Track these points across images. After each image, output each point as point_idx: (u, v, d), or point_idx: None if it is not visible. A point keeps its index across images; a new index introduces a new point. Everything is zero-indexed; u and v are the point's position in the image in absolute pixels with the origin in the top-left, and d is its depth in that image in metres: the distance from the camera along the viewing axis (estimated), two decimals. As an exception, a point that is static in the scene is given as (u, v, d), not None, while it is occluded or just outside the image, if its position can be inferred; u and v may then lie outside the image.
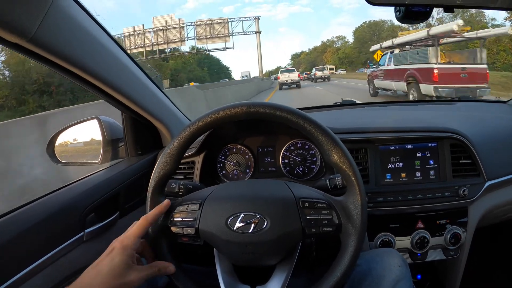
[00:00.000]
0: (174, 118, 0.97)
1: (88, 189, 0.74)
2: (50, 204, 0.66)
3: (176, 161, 0.60)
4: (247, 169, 0.97)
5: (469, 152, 0.91)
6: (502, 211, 1.01)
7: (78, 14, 0.61)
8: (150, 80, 0.87)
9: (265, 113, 0.57)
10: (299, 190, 0.59)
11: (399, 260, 0.67)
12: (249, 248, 0.55)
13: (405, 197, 0.88)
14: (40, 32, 0.51)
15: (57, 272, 0.63)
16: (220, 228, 0.55)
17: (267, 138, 0.97)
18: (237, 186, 0.64)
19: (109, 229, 0.77)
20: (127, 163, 0.89)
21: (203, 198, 0.58)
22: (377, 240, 0.88)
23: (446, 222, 0.91)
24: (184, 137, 0.59)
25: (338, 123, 0.98)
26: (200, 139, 0.89)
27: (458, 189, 0.89)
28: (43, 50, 0.55)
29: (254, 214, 0.55)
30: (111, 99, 0.76)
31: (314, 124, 0.56)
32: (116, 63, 0.73)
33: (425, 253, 0.92)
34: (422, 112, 1.32)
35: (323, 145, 0.57)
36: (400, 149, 0.91)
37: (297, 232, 0.55)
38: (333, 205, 0.57)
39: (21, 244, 0.58)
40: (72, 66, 0.61)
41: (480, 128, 1.03)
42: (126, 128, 0.90)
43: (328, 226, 0.55)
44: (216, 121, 0.59)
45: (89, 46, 0.64)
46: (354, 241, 0.55)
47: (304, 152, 0.95)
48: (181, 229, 0.57)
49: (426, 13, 0.71)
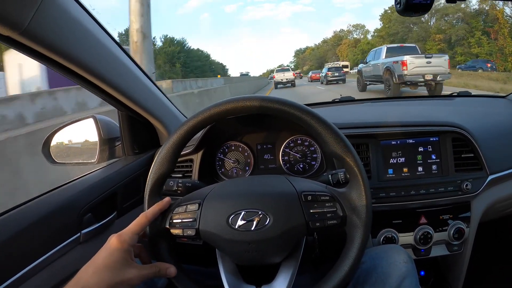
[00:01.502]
0: (171, 116, 0.95)
1: (85, 189, 0.72)
2: (46, 205, 0.64)
3: (172, 160, 0.58)
4: (246, 167, 0.96)
5: (471, 146, 0.90)
6: (504, 205, 1.00)
7: (72, 7, 0.59)
8: (146, 77, 0.86)
9: (256, 106, 0.56)
10: (301, 183, 0.57)
11: (404, 256, 0.65)
12: (252, 246, 0.53)
13: (407, 192, 0.87)
14: (33, 24, 0.49)
15: (54, 274, 0.61)
16: (221, 227, 0.53)
17: (266, 135, 0.96)
18: (237, 183, 0.62)
19: (106, 230, 0.75)
20: (124, 162, 0.87)
21: (202, 197, 0.56)
22: (380, 236, 0.87)
23: (449, 217, 0.90)
24: (179, 136, 0.57)
25: (338, 118, 0.97)
26: (198, 137, 0.88)
27: (461, 183, 0.88)
28: (36, 43, 0.53)
29: (255, 211, 0.53)
30: (107, 96, 0.75)
31: (313, 116, 0.55)
32: (112, 59, 0.71)
33: (428, 249, 0.91)
34: (422, 107, 1.31)
35: (324, 137, 0.55)
36: (401, 144, 0.90)
37: (301, 227, 0.53)
38: (337, 197, 0.55)
39: (16, 246, 0.56)
40: (66, 60, 0.59)
41: (482, 122, 1.02)
42: (123, 126, 0.88)
43: (332, 219, 0.54)
44: (208, 119, 0.57)
45: (83, 40, 0.62)
46: (360, 233, 0.53)
47: (304, 149, 0.94)
48: (181, 230, 0.55)
49: (426, 5, 0.71)
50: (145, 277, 0.50)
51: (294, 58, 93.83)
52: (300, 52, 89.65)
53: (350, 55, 50.64)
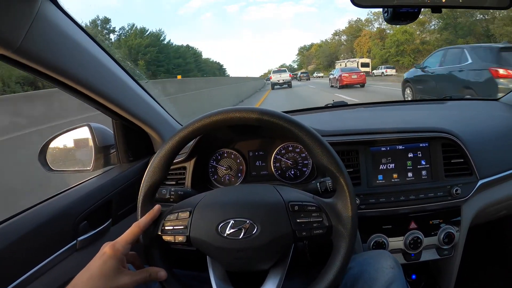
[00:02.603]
0: (165, 123, 0.97)
1: (80, 197, 0.74)
2: (43, 213, 0.66)
3: (165, 169, 0.60)
4: (238, 173, 0.97)
5: (460, 151, 0.91)
6: (494, 210, 1.01)
7: (64, 23, 0.61)
8: (139, 86, 0.87)
9: (245, 118, 0.58)
10: (288, 193, 0.59)
11: (391, 262, 0.67)
12: (241, 254, 0.55)
13: (397, 198, 0.88)
14: (26, 42, 0.51)
15: (50, 282, 0.63)
16: (211, 235, 0.55)
17: (258, 142, 0.97)
18: (227, 192, 0.64)
19: (102, 237, 0.77)
20: (119, 170, 0.88)
21: (193, 205, 0.58)
22: (370, 241, 0.88)
23: (439, 222, 0.91)
24: (171, 145, 0.59)
25: (329, 125, 0.99)
26: (190, 145, 0.89)
27: (451, 188, 0.89)
28: (30, 60, 0.54)
29: (243, 220, 0.55)
30: (100, 107, 0.76)
31: (298, 127, 0.57)
32: (104, 70, 0.73)
33: (419, 253, 0.92)
34: (413, 112, 1.32)
35: (310, 148, 0.57)
36: (391, 150, 0.91)
37: (288, 236, 0.55)
38: (323, 207, 0.57)
39: (13, 255, 0.57)
40: (60, 75, 0.61)
41: (472, 127, 1.03)
42: (117, 134, 0.90)
43: (318, 229, 0.55)
44: (201, 129, 0.59)
45: (76, 54, 0.64)
46: (345, 243, 0.55)
47: (295, 155, 0.95)
48: (172, 237, 0.57)
49: (414, 13, 0.72)
50: (137, 283, 0.53)
51: (298, 56, 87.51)
52: (304, 50, 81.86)
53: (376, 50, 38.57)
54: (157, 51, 37.25)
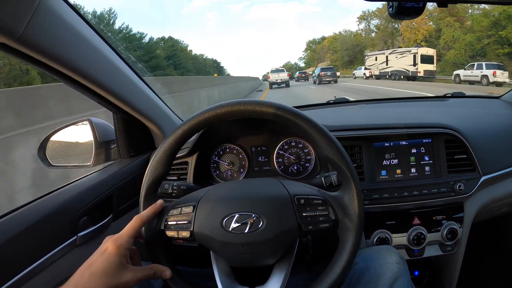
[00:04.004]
0: (166, 118, 0.96)
1: (81, 192, 0.73)
2: (42, 208, 0.65)
3: (167, 163, 0.59)
4: (241, 169, 0.96)
5: (464, 147, 0.91)
6: (497, 206, 1.01)
7: (67, 13, 0.60)
8: (141, 80, 0.86)
9: (248, 110, 0.56)
10: (294, 187, 0.58)
11: (396, 257, 0.66)
12: (246, 249, 0.54)
13: (400, 193, 0.88)
14: (28, 31, 0.50)
15: (50, 278, 0.62)
16: (216, 229, 0.54)
17: (260, 137, 0.97)
18: (231, 186, 0.63)
19: (102, 232, 0.76)
20: (120, 165, 0.87)
21: (197, 200, 0.57)
22: (373, 237, 0.88)
23: (442, 218, 0.91)
24: (174, 139, 0.58)
25: (332, 120, 0.98)
26: (193, 139, 0.88)
27: (454, 184, 0.89)
28: (31, 50, 0.53)
29: (249, 213, 0.54)
30: (101, 100, 0.75)
31: (305, 120, 0.56)
32: (107, 63, 0.72)
33: (422, 249, 0.92)
34: (416, 109, 1.32)
35: (316, 141, 0.56)
36: (394, 146, 0.91)
37: (294, 230, 0.54)
38: (329, 201, 0.56)
39: (12, 250, 0.56)
40: (61, 66, 0.59)
41: (475, 123, 1.03)
42: (118, 129, 0.89)
43: (325, 222, 0.55)
44: (203, 123, 0.58)
45: (78, 45, 0.63)
46: (352, 236, 0.54)
47: (298, 151, 0.95)
48: (175, 232, 0.56)
49: (419, 8, 0.71)
50: (141, 279, 0.51)
51: (305, 52, 70.39)
52: (314, 43, 64.86)
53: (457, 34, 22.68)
54: (126, 47, 29.09)
